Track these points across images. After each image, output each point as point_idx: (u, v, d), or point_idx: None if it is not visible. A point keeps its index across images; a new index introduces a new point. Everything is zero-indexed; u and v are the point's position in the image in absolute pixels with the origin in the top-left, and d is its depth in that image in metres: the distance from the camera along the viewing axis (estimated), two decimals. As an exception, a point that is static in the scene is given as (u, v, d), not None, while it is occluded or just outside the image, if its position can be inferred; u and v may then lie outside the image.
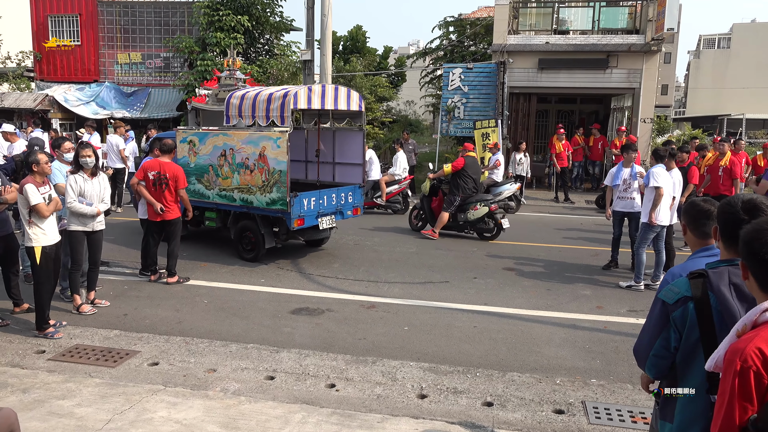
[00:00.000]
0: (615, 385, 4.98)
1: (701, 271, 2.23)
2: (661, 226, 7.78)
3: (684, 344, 2.21)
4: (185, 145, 9.20)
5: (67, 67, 23.01)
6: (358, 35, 30.91)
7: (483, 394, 4.79)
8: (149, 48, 22.41)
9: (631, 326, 6.43)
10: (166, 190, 7.65)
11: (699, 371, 2.15)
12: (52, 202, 5.83)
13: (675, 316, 2.21)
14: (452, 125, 17.36)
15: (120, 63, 22.62)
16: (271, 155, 8.24)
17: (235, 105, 8.87)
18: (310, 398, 4.66)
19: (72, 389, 4.69)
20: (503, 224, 10.63)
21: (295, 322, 6.46)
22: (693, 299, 2.18)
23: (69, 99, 21.16)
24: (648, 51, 15.83)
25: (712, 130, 27.88)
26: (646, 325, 2.40)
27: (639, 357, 2.41)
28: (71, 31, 22.81)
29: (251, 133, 8.48)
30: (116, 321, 6.41)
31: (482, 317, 6.67)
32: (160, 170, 7.65)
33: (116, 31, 22.48)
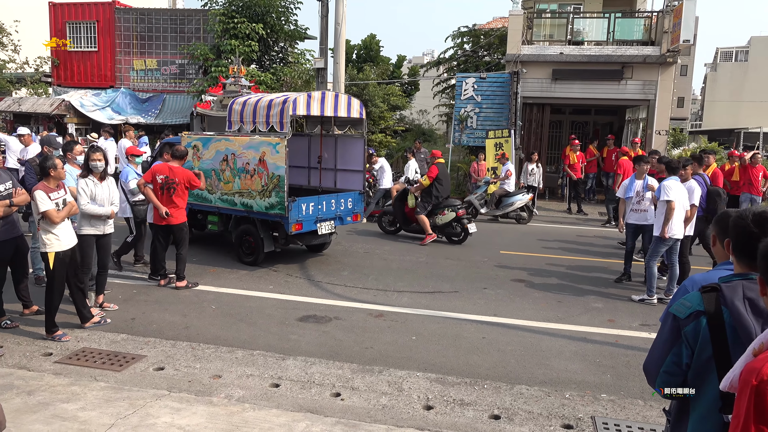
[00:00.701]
0: (626, 401, 4.88)
1: (714, 285, 2.16)
2: (674, 240, 7.67)
3: (696, 361, 2.13)
4: (190, 149, 9.28)
5: (83, 72, 23.30)
6: (371, 44, 31.03)
7: (490, 406, 4.72)
8: (165, 55, 22.64)
9: (643, 341, 6.32)
10: (174, 195, 7.67)
11: (712, 389, 2.08)
12: (66, 206, 5.85)
13: (687, 331, 2.14)
14: (465, 134, 17.32)
15: (136, 69, 22.87)
16: (271, 160, 8.30)
17: (237, 111, 8.97)
18: (314, 407, 4.61)
19: (77, 392, 4.68)
20: (470, 229, 11.19)
21: (302, 329, 6.43)
22: (706, 314, 2.11)
23: (85, 104, 21.40)
24: (663, 63, 15.71)
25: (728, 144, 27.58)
26: (656, 340, 2.31)
27: (649, 374, 2.32)
28: (89, 37, 23.12)
29: (252, 138, 8.58)
30: (124, 325, 6.42)
31: (491, 328, 6.59)
32: (169, 174, 7.68)
33: (132, 38, 22.75)
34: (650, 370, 2.30)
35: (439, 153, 11.72)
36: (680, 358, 2.16)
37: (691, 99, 57.79)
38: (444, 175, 11.36)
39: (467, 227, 11.15)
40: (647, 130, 16.52)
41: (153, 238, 8.10)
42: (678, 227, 7.63)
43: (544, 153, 17.63)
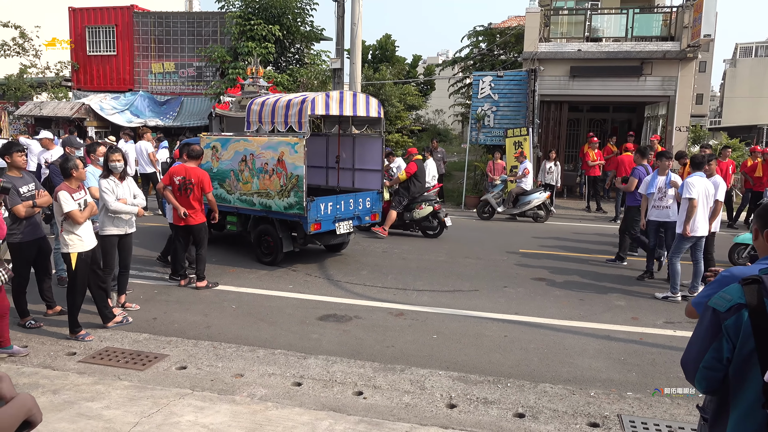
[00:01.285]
0: (652, 399, 4.79)
1: (755, 277, 2.08)
2: (697, 237, 7.54)
3: (737, 355, 2.05)
4: (208, 150, 9.34)
5: (103, 76, 23.56)
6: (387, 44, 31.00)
7: (514, 405, 4.66)
8: (182, 58, 22.81)
9: (668, 338, 6.21)
10: (191, 195, 7.70)
11: (755, 385, 2.00)
12: (87, 207, 5.88)
13: (728, 325, 2.05)
14: (482, 133, 17.21)
15: (154, 72, 23.07)
16: (289, 160, 8.30)
17: (256, 111, 8.99)
18: (337, 405, 4.59)
19: (101, 391, 4.71)
20: (446, 222, 11.52)
21: (322, 328, 6.41)
22: (747, 307, 2.03)
23: (104, 107, 21.63)
24: (683, 58, 15.48)
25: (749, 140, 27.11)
26: (694, 335, 2.22)
27: (687, 370, 2.23)
28: (108, 41, 23.37)
29: (270, 138, 8.59)
30: (146, 324, 6.45)
31: (513, 326, 6.52)
32: (185, 175, 7.71)
33: (151, 42, 22.96)
34: (689, 366, 2.21)
35: (416, 150, 12.61)
36: (721, 353, 2.07)
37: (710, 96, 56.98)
38: (421, 172, 11.72)
39: (444, 221, 11.50)
40: (667, 126, 16.29)
41: (174, 238, 8.15)
42: (702, 224, 7.50)
43: (562, 151, 17.46)
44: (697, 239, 7.57)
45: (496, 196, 14.29)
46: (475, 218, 14.55)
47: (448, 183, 18.72)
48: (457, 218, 14.57)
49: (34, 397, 2.69)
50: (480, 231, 12.62)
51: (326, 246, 9.84)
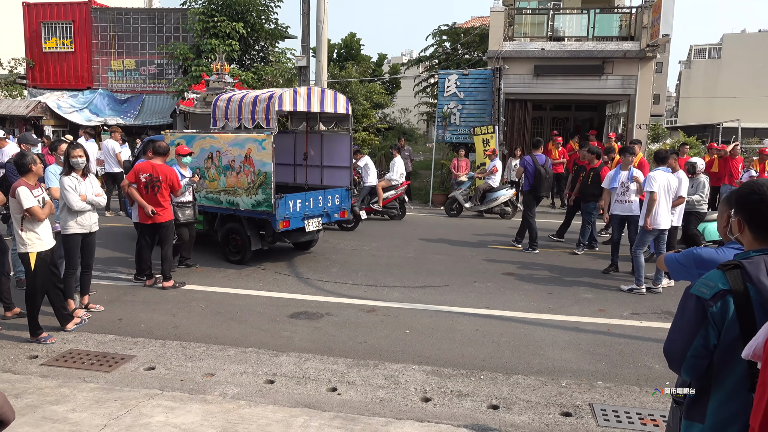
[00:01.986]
0: (622, 388, 4.88)
1: (735, 263, 2.11)
2: (660, 230, 7.73)
3: (722, 341, 2.05)
4: (173, 148, 9.12)
5: (60, 73, 22.83)
6: (352, 43, 30.92)
7: (488, 397, 4.69)
8: (143, 55, 22.28)
9: (634, 329, 6.35)
10: (158, 193, 7.53)
11: (739, 369, 2.03)
12: (46, 205, 5.68)
13: (713, 312, 2.04)
14: (448, 131, 17.32)
15: (113, 70, 22.47)
16: (257, 157, 8.20)
17: (222, 108, 8.85)
18: (311, 402, 4.54)
19: (66, 394, 4.56)
20: (361, 216, 12.30)
21: (294, 326, 6.34)
22: (732, 292, 2.05)
23: (62, 106, 20.98)
24: (643, 57, 15.87)
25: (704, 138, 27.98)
26: (677, 324, 2.21)
27: (673, 359, 2.21)
28: (64, 38, 22.66)
29: (237, 135, 8.47)
30: (111, 326, 6.27)
31: (484, 320, 6.57)
32: (152, 173, 7.53)
33: (110, 38, 22.35)
34: (674, 355, 2.18)
35: None
36: (707, 340, 2.07)
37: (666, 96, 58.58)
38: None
39: (359, 214, 12.20)
40: (628, 124, 16.68)
41: (138, 237, 7.95)
42: (664, 217, 7.69)
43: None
44: (660, 232, 7.75)
45: (463, 193, 14.40)
46: (442, 215, 14.62)
47: (414, 181, 18.77)
48: (425, 216, 14.64)
49: (4, 394, 2.58)
50: (448, 228, 12.70)
51: (295, 244, 9.75)
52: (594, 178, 9.95)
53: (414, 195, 17.21)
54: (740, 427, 2.03)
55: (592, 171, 10.06)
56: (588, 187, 10.04)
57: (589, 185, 10.02)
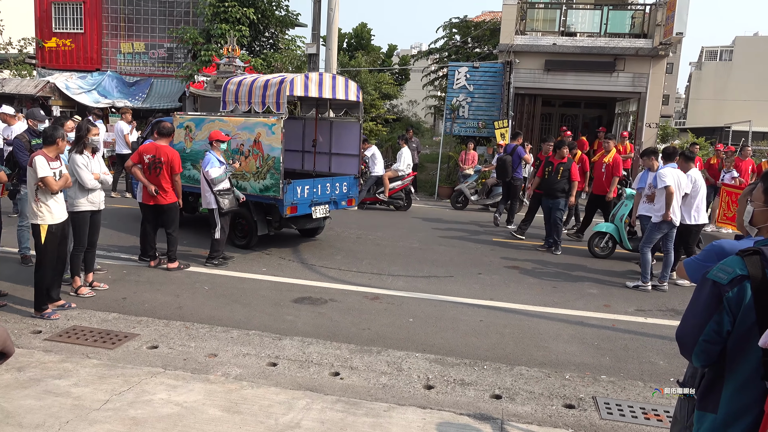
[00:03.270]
0: (626, 382, 4.86)
1: (755, 249, 2.07)
2: (669, 226, 7.65)
3: (738, 328, 2.02)
4: (182, 130, 9.12)
5: (69, 55, 22.80)
6: (362, 33, 30.80)
7: (491, 386, 4.67)
8: (153, 38, 22.23)
9: (639, 325, 6.31)
10: (161, 174, 7.49)
11: (753, 356, 1.99)
12: (62, 178, 5.70)
13: (729, 297, 2.01)
14: (456, 124, 17.24)
15: (123, 52, 22.43)
16: (266, 141, 8.16)
17: (232, 91, 8.80)
18: (313, 385, 4.53)
19: (69, 369, 4.56)
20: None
21: (297, 310, 6.34)
22: (750, 278, 2.01)
23: (70, 86, 20.97)
24: (655, 55, 15.73)
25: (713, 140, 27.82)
26: (691, 309, 2.18)
27: (684, 343, 2.17)
28: (74, 18, 22.61)
29: (247, 119, 8.43)
30: (115, 304, 6.27)
31: (488, 312, 6.55)
32: (155, 154, 7.50)
33: (120, 20, 22.30)
34: (686, 339, 2.15)
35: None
36: (721, 326, 2.04)
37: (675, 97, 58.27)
38: None
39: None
40: (637, 123, 16.55)
41: (142, 218, 7.94)
42: (675, 213, 7.61)
43: (535, 144, 17.58)
44: (669, 229, 7.68)
45: (470, 186, 14.34)
46: (448, 208, 14.58)
47: (421, 174, 18.69)
48: (431, 207, 14.60)
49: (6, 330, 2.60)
50: (453, 220, 12.65)
51: (301, 230, 9.73)
52: (564, 173, 9.54)
53: (420, 187, 17.15)
54: (754, 416, 2.00)
55: (561, 166, 9.58)
56: (558, 182, 9.57)
57: (558, 181, 9.57)
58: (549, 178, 9.65)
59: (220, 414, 3.95)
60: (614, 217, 9.44)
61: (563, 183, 9.56)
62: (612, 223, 9.42)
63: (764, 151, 19.24)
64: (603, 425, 4.13)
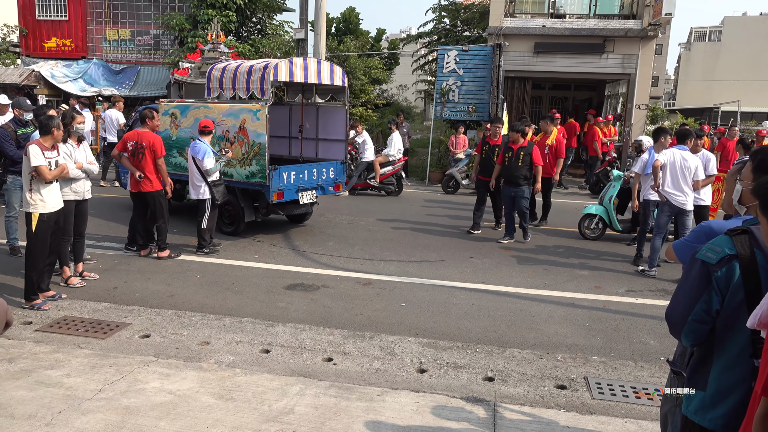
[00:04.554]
0: (617, 362, 4.90)
1: (743, 228, 2.07)
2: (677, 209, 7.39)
3: (726, 307, 2.03)
4: (167, 117, 9.04)
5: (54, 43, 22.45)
6: (351, 17, 30.54)
7: (483, 369, 4.70)
8: (138, 25, 21.92)
9: (630, 305, 6.36)
10: (144, 160, 7.41)
11: (741, 335, 2.00)
12: (57, 167, 5.65)
13: (718, 277, 2.02)
14: (446, 108, 17.18)
15: (108, 39, 22.12)
16: (251, 128, 8.13)
17: (216, 77, 8.74)
18: (307, 371, 4.53)
19: (60, 359, 4.54)
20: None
21: (289, 297, 6.33)
22: (738, 257, 2.01)
23: (56, 75, 20.68)
24: (645, 36, 15.71)
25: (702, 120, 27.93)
26: (681, 288, 2.20)
27: (674, 323, 2.19)
28: (58, 5, 22.24)
29: (231, 105, 8.39)
30: (105, 294, 6.24)
31: (480, 295, 6.57)
32: (138, 140, 7.42)
33: (105, 7, 21.96)
34: (675, 318, 2.17)
35: None
36: (710, 305, 2.05)
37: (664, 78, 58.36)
38: None
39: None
40: (627, 104, 16.57)
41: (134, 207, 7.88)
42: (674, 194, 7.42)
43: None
44: (678, 213, 7.44)
45: (461, 171, 14.33)
46: (439, 192, 14.57)
47: (411, 159, 18.65)
48: (422, 192, 14.58)
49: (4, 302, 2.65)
50: (445, 204, 12.65)
51: (289, 216, 9.70)
52: (525, 158, 8.83)
53: (411, 172, 17.12)
54: (742, 393, 2.02)
55: (521, 150, 8.86)
56: (519, 168, 8.84)
57: (519, 167, 8.84)
58: (509, 164, 8.93)
59: (214, 401, 3.96)
60: (603, 198, 9.45)
61: (525, 169, 8.86)
62: (601, 205, 9.43)
63: (752, 131, 19.30)
64: (595, 405, 4.17)
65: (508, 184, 9.03)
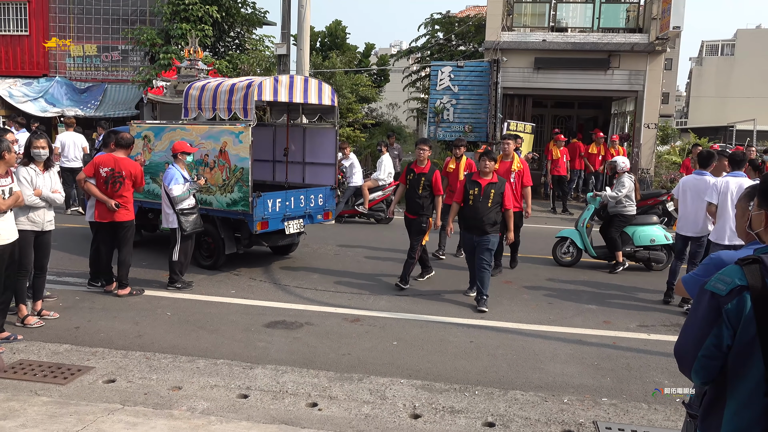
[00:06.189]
0: (628, 404, 4.92)
1: (754, 257, 2.12)
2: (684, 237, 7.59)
3: (738, 342, 2.06)
4: (140, 140, 9.10)
5: (12, 59, 22.60)
6: (337, 31, 31.00)
7: (483, 413, 4.69)
8: (105, 40, 22.11)
9: (642, 342, 6.40)
10: (120, 189, 7.44)
11: (755, 372, 2.03)
12: (11, 196, 5.65)
13: (728, 310, 2.05)
14: (440, 128, 17.39)
15: (73, 56, 22.29)
16: (233, 151, 8.19)
17: (195, 96, 8.82)
18: (289, 418, 4.51)
19: (15, 408, 4.48)
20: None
21: (270, 336, 6.32)
22: (749, 288, 2.06)
23: (14, 94, 20.77)
24: (652, 51, 16.08)
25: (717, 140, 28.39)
26: (690, 322, 2.23)
27: (683, 359, 2.21)
28: (18, 19, 22.43)
29: (211, 127, 8.45)
30: (66, 334, 6.21)
31: (479, 331, 6.59)
32: (114, 167, 7.45)
33: (69, 21, 22.17)
34: (684, 355, 2.19)
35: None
36: (721, 340, 2.08)
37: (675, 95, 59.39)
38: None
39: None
40: (635, 123, 16.86)
41: (94, 239, 7.87)
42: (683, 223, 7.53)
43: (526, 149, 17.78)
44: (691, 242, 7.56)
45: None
46: (433, 220, 14.63)
47: (403, 182, 18.79)
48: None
49: None
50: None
51: (273, 248, 9.72)
52: (496, 198, 7.47)
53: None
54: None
55: (491, 188, 7.46)
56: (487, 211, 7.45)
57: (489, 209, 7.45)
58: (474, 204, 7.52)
59: (186, 453, 3.92)
60: (576, 221, 9.65)
61: (494, 213, 7.52)
62: (574, 229, 9.61)
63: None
64: (605, 452, 4.17)
65: (469, 230, 7.61)
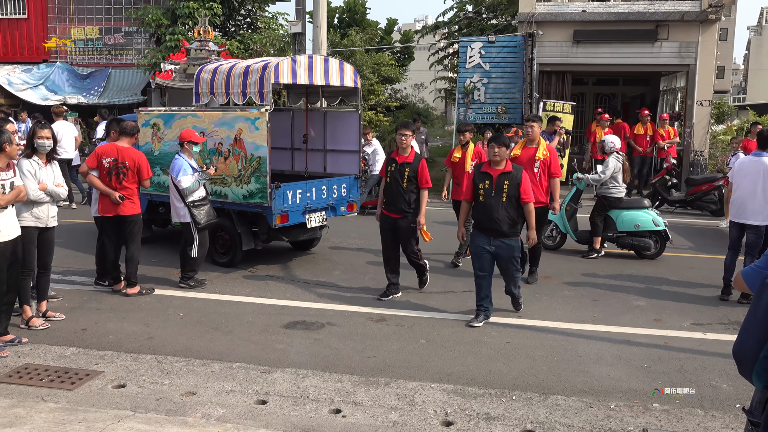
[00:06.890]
0: (682, 411, 4.87)
1: None
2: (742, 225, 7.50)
3: None
4: (148, 129, 9.19)
5: (11, 44, 23.02)
6: (356, 6, 31.01)
7: (522, 420, 4.69)
8: (108, 21, 22.42)
9: (696, 342, 6.33)
10: (124, 181, 7.53)
11: None
12: (13, 190, 5.78)
13: None
14: (471, 110, 17.31)
15: (74, 39, 22.62)
16: (249, 139, 8.22)
17: (206, 80, 8.87)
18: (310, 425, 4.56)
19: (21, 415, 4.59)
20: None
21: (289, 337, 6.38)
22: None
23: (13, 82, 21.18)
24: (705, 20, 15.78)
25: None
26: (749, 320, 2.19)
27: (742, 360, 2.19)
28: (15, 2, 22.82)
29: (225, 113, 8.48)
30: (73, 337, 6.33)
31: (516, 331, 6.58)
32: (117, 157, 7.54)
33: (69, 2, 22.49)
34: (744, 355, 2.17)
35: None
36: None
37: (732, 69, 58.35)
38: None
39: None
40: (687, 101, 16.59)
41: (100, 235, 8.00)
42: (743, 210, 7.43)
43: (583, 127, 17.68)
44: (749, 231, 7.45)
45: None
46: (464, 210, 14.60)
47: (431, 170, 18.72)
48: (444, 210, 14.60)
49: None
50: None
51: (293, 243, 9.73)
52: (511, 190, 6.70)
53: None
54: None
55: (504, 178, 6.72)
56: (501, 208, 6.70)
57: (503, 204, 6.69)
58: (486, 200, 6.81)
59: (202, 463, 3.98)
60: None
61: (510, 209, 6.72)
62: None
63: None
64: (656, 462, 4.14)
65: (482, 231, 6.87)
